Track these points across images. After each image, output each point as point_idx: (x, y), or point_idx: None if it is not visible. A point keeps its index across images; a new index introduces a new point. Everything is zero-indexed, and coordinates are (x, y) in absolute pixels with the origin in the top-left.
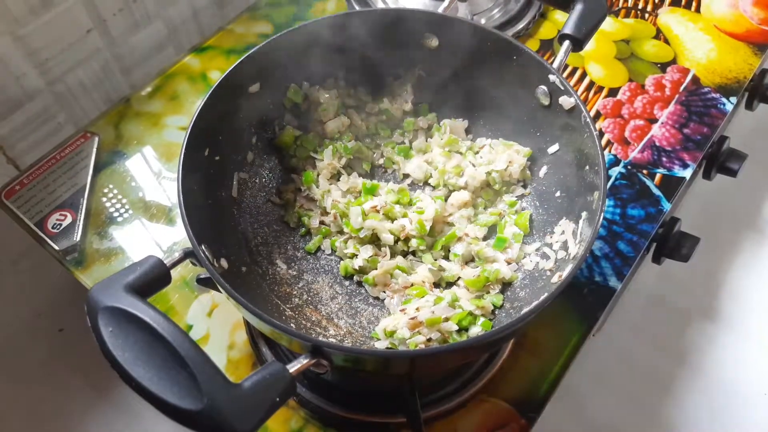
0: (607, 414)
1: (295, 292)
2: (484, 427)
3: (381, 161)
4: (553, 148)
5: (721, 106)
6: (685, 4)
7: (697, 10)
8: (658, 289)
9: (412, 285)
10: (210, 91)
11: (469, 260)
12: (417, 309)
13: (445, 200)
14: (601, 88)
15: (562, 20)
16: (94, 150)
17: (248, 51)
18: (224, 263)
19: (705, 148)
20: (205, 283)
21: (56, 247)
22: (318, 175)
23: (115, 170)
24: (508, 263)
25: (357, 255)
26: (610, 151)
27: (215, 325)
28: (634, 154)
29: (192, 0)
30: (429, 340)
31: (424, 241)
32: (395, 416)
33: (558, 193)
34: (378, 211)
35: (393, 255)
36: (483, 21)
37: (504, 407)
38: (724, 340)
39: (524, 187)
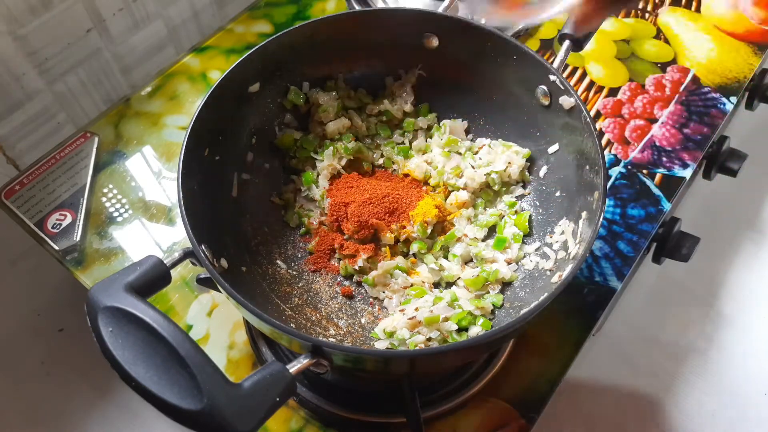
0: (607, 414)
1: (295, 292)
2: (484, 427)
3: (381, 161)
4: (553, 148)
5: (721, 106)
6: (686, 4)
7: (698, 9)
8: (658, 289)
9: (411, 285)
10: (210, 91)
11: (468, 260)
12: (416, 309)
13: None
14: (601, 88)
15: (562, 20)
16: (94, 150)
17: (248, 51)
18: (224, 263)
19: (705, 148)
20: (205, 283)
21: (56, 247)
22: (318, 176)
23: (115, 170)
24: (508, 263)
25: (357, 255)
26: (610, 151)
27: (215, 325)
28: (634, 154)
29: (192, 0)
30: (429, 340)
31: (425, 244)
32: (395, 416)
33: (558, 193)
34: None
35: (393, 255)
36: (483, 21)
37: (504, 407)
38: (724, 340)
39: (524, 187)
